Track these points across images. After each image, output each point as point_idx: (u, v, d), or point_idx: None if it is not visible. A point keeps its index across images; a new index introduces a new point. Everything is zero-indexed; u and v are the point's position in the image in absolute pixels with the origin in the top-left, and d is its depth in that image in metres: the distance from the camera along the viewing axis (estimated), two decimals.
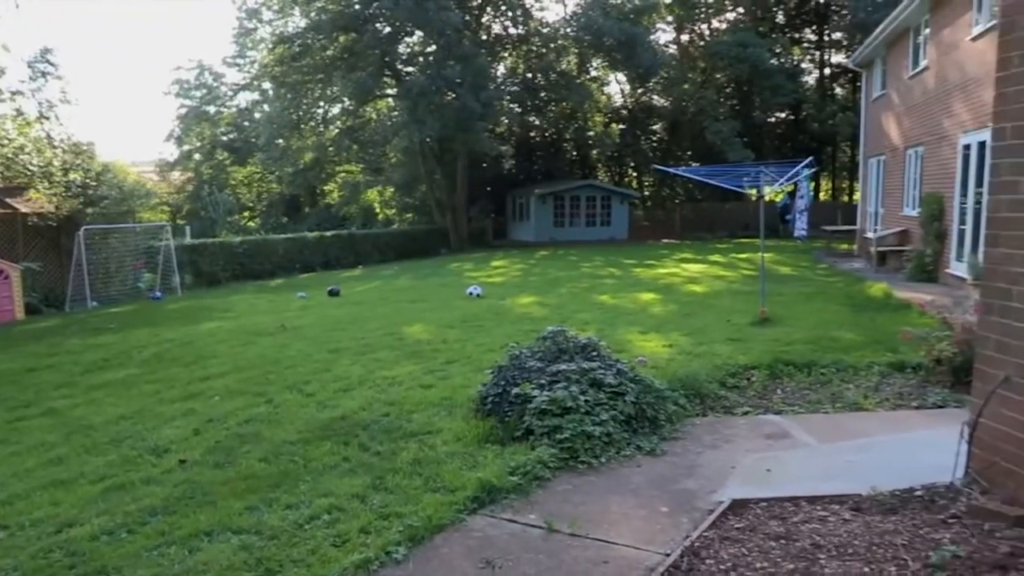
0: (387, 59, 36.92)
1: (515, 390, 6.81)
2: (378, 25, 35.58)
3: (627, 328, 12.17)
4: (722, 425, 7.19)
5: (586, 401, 6.56)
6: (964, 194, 15.39)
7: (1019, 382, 4.68)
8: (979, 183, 14.25)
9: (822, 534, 4.61)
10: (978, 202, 14.22)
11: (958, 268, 15.30)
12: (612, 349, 8.50)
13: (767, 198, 13.06)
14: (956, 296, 13.57)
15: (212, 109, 50.62)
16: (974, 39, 14.97)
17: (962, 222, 15.49)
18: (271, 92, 42.75)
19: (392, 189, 46.24)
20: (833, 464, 6.01)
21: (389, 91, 39.94)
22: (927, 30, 18.38)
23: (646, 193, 49.47)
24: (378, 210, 48.78)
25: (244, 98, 50.55)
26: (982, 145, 13.96)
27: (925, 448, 5.93)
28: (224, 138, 50.74)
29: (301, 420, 7.62)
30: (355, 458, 6.39)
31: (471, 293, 17.46)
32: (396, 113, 38.66)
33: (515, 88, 41.03)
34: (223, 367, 10.66)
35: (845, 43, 42.77)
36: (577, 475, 5.93)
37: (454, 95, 34.18)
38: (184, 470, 6.40)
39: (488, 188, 44.56)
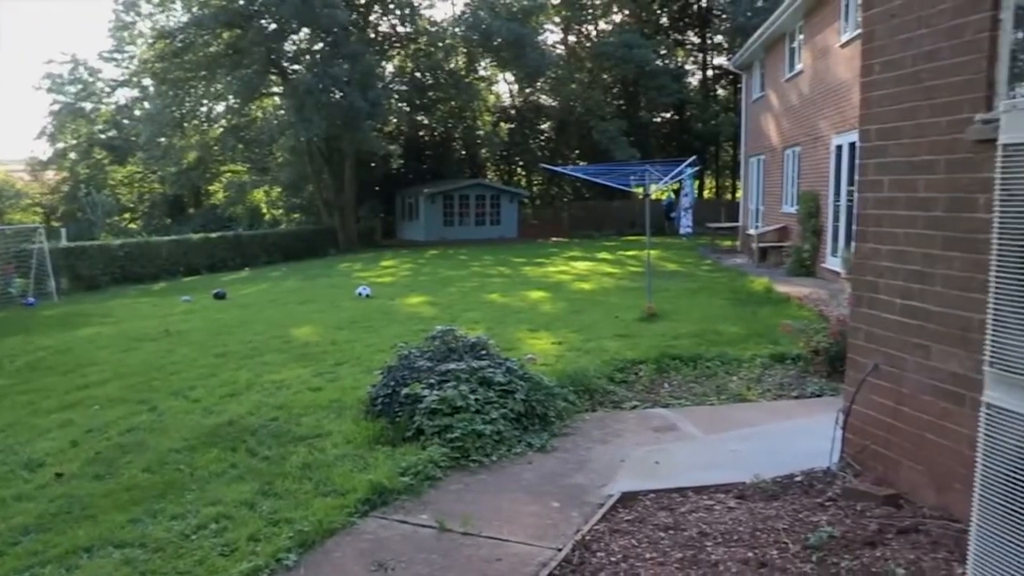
0: (273, 56, 36.14)
1: (405, 390, 6.77)
2: (263, 21, 34.77)
3: (517, 326, 12.25)
4: (611, 420, 7.32)
5: (476, 400, 6.58)
6: (838, 192, 16.07)
7: (887, 370, 4.93)
8: (851, 182, 14.85)
9: (708, 522, 4.75)
10: (850, 200, 14.84)
11: (833, 263, 15.97)
12: (502, 347, 8.56)
13: (653, 196, 13.38)
14: (832, 289, 14.19)
15: (88, 106, 48.51)
16: (843, 45, 15.63)
17: (836, 219, 16.16)
18: (152, 89, 41.30)
19: (279, 189, 45.37)
20: (718, 454, 6.20)
21: (275, 89, 39.13)
22: (801, 36, 19.11)
23: (535, 192, 49.86)
24: (265, 210, 47.82)
25: (123, 94, 48.74)
26: (852, 146, 14.53)
27: (804, 436, 6.17)
28: (102, 136, 48.66)
29: (186, 427, 7.38)
30: (243, 464, 6.23)
31: (360, 293, 17.28)
32: (282, 112, 37.91)
33: (403, 87, 40.81)
34: (103, 375, 10.23)
35: (726, 46, 44.12)
36: (469, 474, 5.94)
37: (341, 94, 33.71)
38: (61, 484, 6.11)
39: (377, 188, 44.15)
